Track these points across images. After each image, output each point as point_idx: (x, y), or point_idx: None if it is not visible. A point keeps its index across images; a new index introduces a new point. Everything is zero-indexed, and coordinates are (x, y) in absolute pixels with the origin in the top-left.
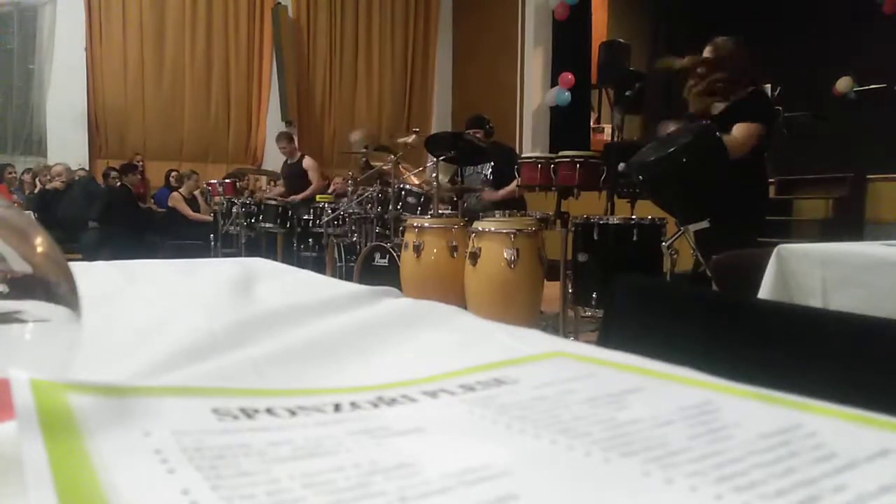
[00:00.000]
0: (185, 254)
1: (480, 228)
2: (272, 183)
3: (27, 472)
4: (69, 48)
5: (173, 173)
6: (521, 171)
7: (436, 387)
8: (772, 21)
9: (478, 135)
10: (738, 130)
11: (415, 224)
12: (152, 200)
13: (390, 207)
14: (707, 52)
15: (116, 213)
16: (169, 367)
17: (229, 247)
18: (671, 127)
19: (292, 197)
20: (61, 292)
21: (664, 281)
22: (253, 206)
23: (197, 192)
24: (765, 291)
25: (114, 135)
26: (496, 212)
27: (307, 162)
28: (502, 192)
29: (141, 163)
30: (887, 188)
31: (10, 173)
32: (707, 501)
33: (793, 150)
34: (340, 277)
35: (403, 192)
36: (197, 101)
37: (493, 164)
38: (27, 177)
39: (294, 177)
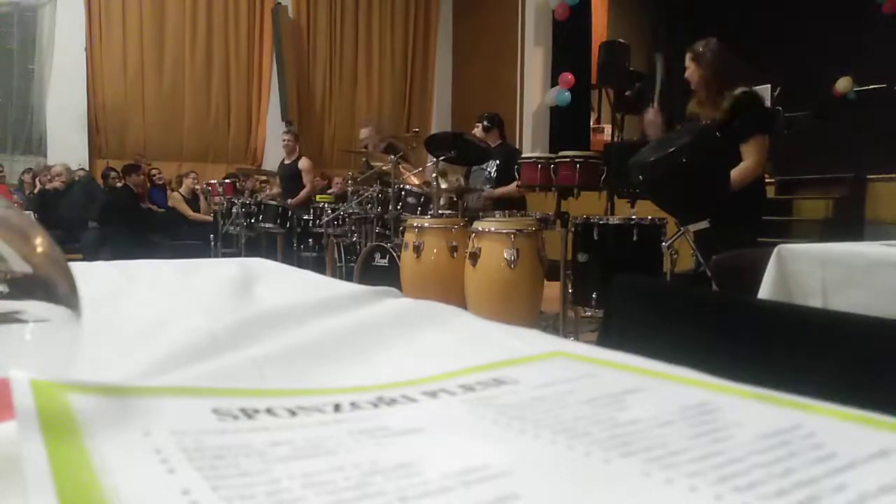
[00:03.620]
0: (185, 254)
1: (480, 228)
2: (271, 184)
3: (27, 472)
4: (69, 48)
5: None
6: (521, 171)
7: (436, 387)
8: (772, 21)
9: (477, 126)
10: (750, 153)
11: (415, 224)
12: (150, 201)
13: (390, 207)
14: (688, 61)
15: (116, 213)
16: (169, 367)
17: (229, 247)
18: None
19: (289, 201)
20: (61, 292)
21: (664, 281)
22: (253, 206)
23: (198, 190)
24: (765, 291)
25: (114, 135)
26: (496, 212)
27: (303, 163)
28: (500, 189)
29: (147, 164)
30: (887, 188)
31: (0, 172)
32: (707, 501)
33: (793, 150)
34: (340, 277)
35: (403, 193)
36: (197, 101)
37: (497, 162)
38: (27, 177)
39: (289, 177)
